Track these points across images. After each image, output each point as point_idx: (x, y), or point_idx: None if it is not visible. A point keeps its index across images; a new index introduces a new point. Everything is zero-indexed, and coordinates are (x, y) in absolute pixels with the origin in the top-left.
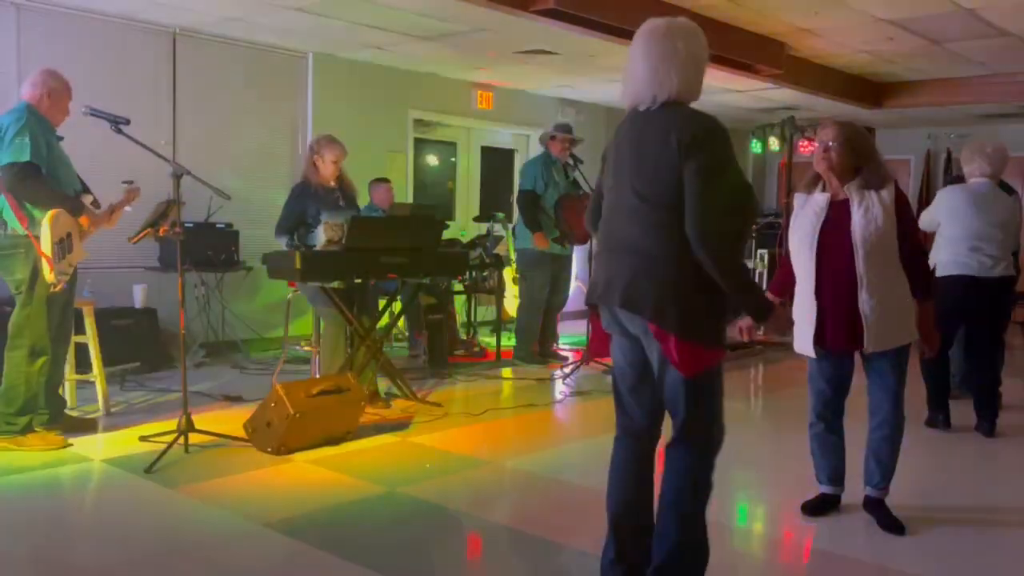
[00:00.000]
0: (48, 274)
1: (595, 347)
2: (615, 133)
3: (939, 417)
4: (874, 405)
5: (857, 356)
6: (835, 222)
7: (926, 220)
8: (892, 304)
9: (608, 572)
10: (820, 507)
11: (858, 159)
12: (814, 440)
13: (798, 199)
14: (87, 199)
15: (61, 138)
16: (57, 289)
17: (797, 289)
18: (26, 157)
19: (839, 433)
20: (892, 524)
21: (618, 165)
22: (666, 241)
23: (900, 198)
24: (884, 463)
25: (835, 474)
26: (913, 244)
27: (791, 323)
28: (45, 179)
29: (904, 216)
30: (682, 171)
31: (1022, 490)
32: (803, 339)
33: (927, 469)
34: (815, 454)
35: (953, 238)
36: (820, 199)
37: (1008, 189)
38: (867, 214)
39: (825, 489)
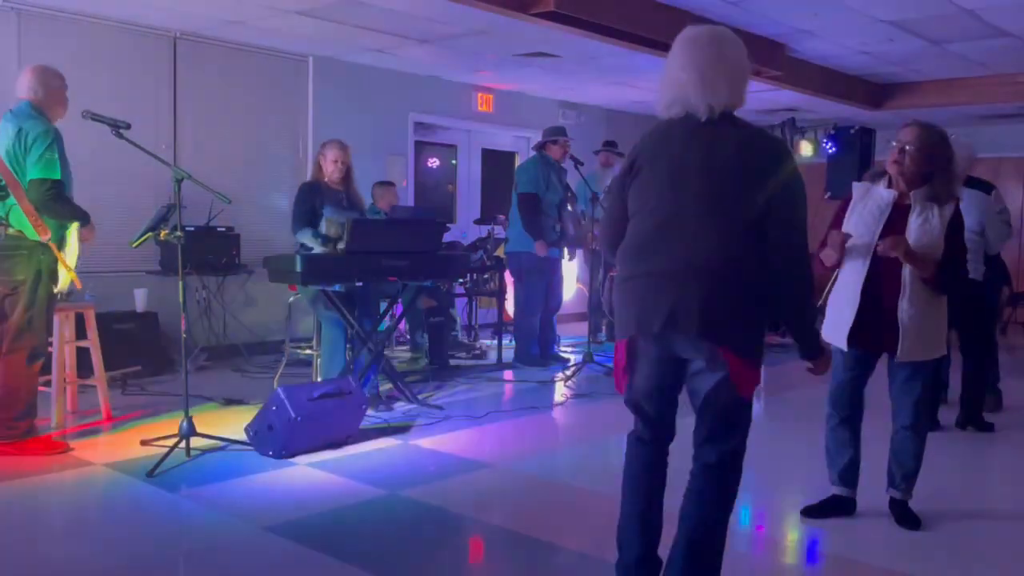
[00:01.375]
0: (76, 282)
1: (620, 380)
2: (658, 143)
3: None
4: (895, 409)
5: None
6: (893, 224)
7: None
8: (930, 317)
9: (634, 571)
10: (826, 509)
11: (932, 167)
12: (830, 435)
13: (859, 188)
14: None
15: None
16: (68, 296)
17: (841, 278)
18: (56, 175)
19: (854, 429)
20: (906, 519)
21: (678, 178)
22: (747, 262)
23: (956, 220)
24: (903, 465)
25: (847, 473)
26: (952, 270)
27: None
28: (70, 196)
29: (952, 239)
30: (769, 191)
31: (1017, 489)
32: (838, 330)
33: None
34: (829, 451)
35: None
36: (885, 195)
37: (983, 186)
38: (924, 224)
39: (836, 490)
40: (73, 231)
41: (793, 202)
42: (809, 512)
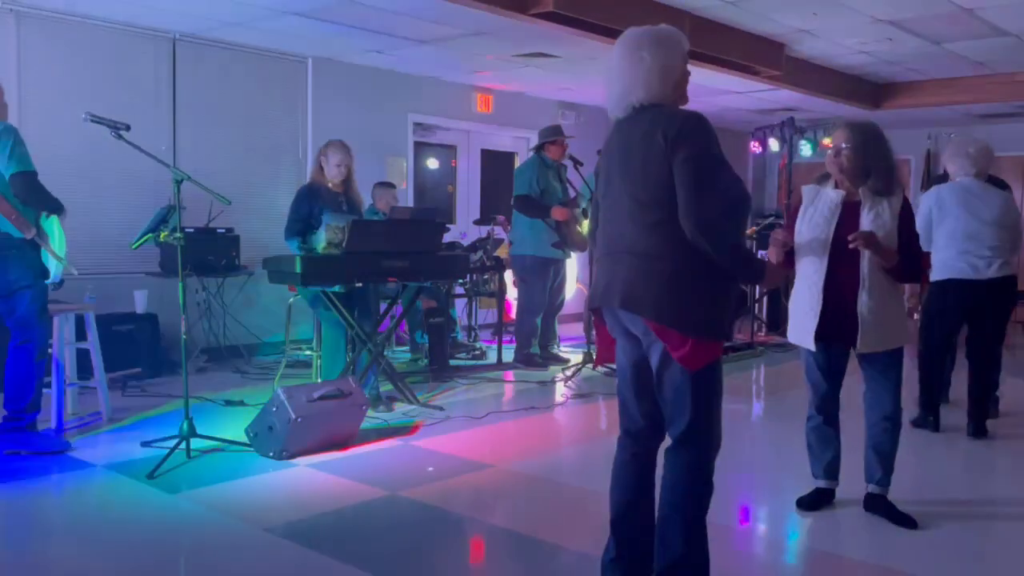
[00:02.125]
0: (68, 268)
1: (601, 352)
2: (608, 139)
3: (929, 418)
4: (872, 400)
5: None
6: (845, 222)
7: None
8: (890, 308)
9: (608, 571)
10: (816, 501)
11: (869, 163)
12: (812, 433)
13: (808, 192)
14: None
15: None
16: (60, 285)
17: (799, 282)
18: (32, 166)
19: (836, 426)
20: (903, 518)
21: (609, 172)
22: (662, 239)
23: (905, 210)
24: (886, 457)
25: (831, 467)
26: (911, 258)
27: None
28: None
29: (904, 228)
30: (671, 165)
31: (1017, 489)
32: (802, 331)
33: (922, 468)
34: (812, 448)
35: (941, 240)
36: (834, 196)
37: (1000, 184)
38: (877, 219)
39: (820, 483)
40: (57, 223)
41: (684, 172)
42: (806, 505)
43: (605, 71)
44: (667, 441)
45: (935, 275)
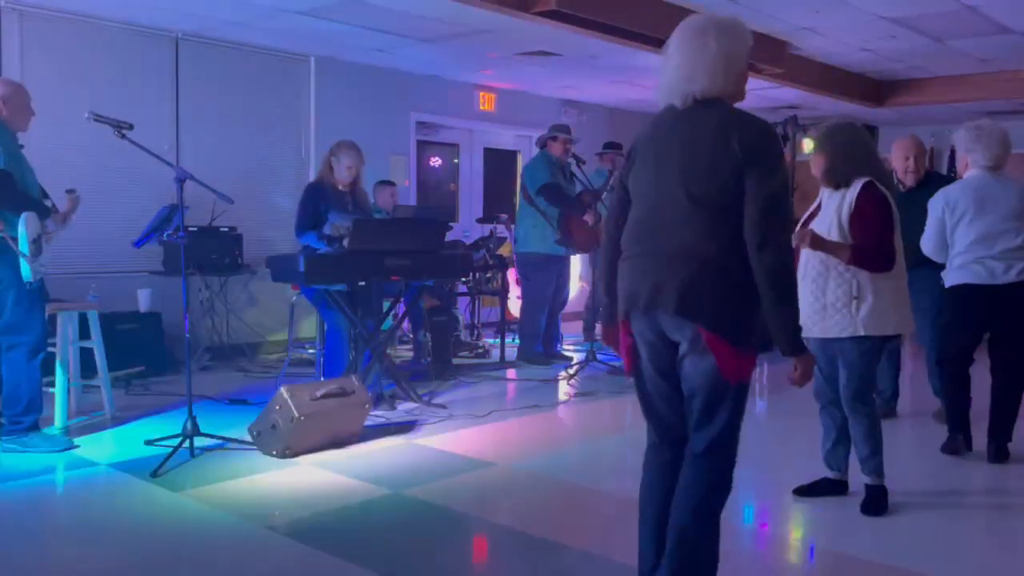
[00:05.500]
0: (26, 272)
1: (629, 363)
2: (650, 130)
3: (959, 438)
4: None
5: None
6: (812, 219)
7: (930, 242)
8: (828, 301)
9: None
10: (816, 490)
11: (826, 159)
12: (821, 421)
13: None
14: (47, 204)
15: (22, 146)
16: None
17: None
18: (0, 165)
19: (833, 415)
20: (869, 504)
21: (660, 165)
22: (723, 246)
23: (862, 200)
24: (859, 451)
25: (831, 456)
26: (865, 247)
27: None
28: (17, 184)
29: (855, 218)
30: (743, 174)
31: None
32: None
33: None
34: (821, 436)
35: (957, 243)
36: (821, 194)
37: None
38: (824, 215)
39: (826, 472)
40: (21, 220)
41: (760, 188)
42: (800, 491)
43: (666, 57)
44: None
45: (948, 280)
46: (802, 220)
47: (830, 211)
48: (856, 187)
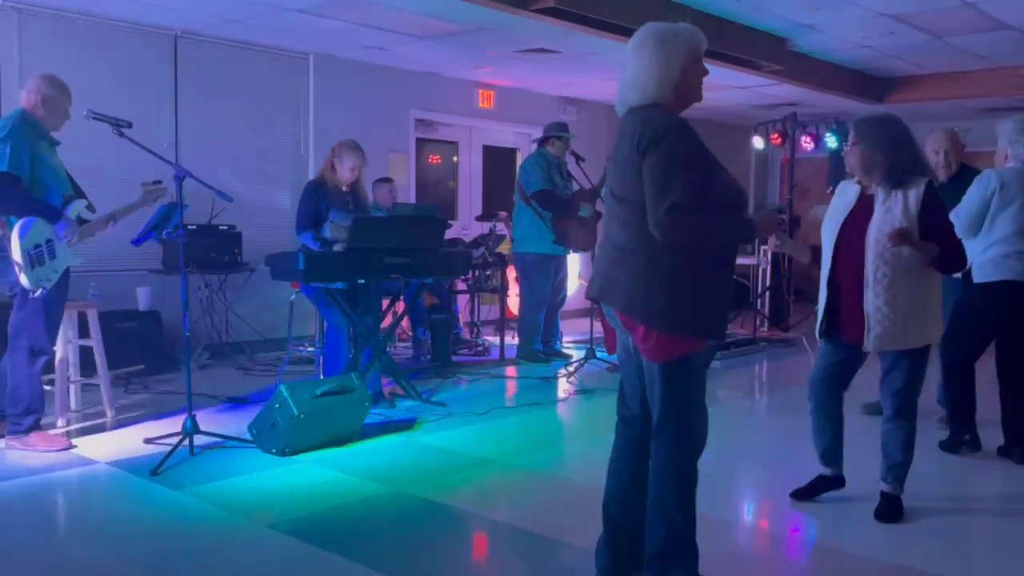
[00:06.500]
0: (23, 279)
1: (610, 343)
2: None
3: (964, 437)
4: (882, 400)
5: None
6: (859, 217)
7: (967, 217)
8: (901, 308)
9: (599, 554)
10: (814, 489)
11: (878, 156)
12: (811, 419)
13: (840, 187)
14: (80, 204)
15: (57, 143)
16: (35, 295)
17: (821, 274)
18: (3, 167)
19: (828, 415)
20: (883, 512)
21: (610, 169)
22: (636, 236)
23: (928, 199)
24: (890, 457)
25: (827, 454)
26: (946, 249)
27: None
28: (21, 188)
29: (929, 218)
30: (641, 168)
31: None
32: (819, 323)
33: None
34: (813, 434)
35: (996, 229)
36: (851, 191)
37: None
38: (887, 214)
39: (821, 470)
40: (14, 228)
41: (648, 175)
42: (798, 495)
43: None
44: None
45: (981, 275)
46: (841, 221)
47: (895, 212)
48: (920, 187)
